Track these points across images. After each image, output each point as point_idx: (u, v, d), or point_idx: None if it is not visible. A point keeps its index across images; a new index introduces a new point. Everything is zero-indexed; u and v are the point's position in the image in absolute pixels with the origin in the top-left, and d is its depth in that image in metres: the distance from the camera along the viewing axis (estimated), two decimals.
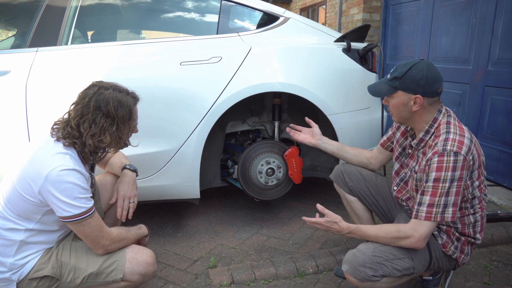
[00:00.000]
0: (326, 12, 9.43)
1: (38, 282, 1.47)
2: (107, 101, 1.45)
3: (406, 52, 4.46)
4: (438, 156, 1.46)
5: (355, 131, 2.50)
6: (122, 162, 1.83)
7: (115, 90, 1.49)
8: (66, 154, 1.43)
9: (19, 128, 2.09)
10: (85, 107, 1.45)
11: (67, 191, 1.37)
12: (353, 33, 2.58)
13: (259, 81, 2.29)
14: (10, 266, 1.44)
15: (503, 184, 3.11)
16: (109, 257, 1.53)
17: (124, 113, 1.49)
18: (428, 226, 1.49)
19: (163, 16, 2.60)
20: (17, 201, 1.41)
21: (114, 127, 1.48)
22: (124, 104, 1.49)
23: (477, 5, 3.31)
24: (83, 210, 1.41)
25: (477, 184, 1.57)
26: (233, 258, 2.25)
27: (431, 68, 1.53)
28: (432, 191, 1.47)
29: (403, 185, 1.79)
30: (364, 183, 1.94)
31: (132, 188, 1.75)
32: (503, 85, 3.05)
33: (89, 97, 1.46)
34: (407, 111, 1.59)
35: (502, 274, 2.10)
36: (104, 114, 1.45)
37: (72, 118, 1.46)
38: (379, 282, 1.57)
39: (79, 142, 1.46)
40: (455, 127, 1.53)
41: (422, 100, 1.53)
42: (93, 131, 1.45)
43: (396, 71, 1.58)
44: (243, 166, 2.51)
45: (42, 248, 1.50)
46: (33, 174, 1.38)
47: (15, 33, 2.72)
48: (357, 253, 1.58)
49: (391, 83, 1.58)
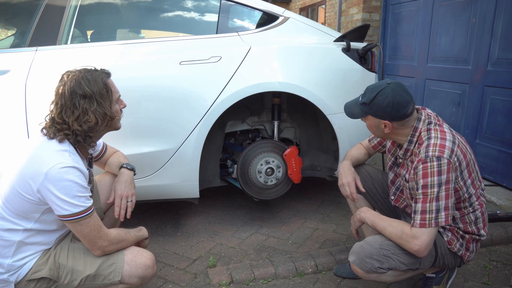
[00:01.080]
0: (326, 12, 9.42)
1: (35, 284, 1.45)
2: (79, 83, 1.45)
3: (406, 52, 4.46)
4: (422, 163, 1.49)
5: (354, 131, 2.50)
6: (120, 161, 1.83)
7: (82, 72, 1.49)
8: (64, 151, 1.42)
9: (18, 127, 2.09)
10: (61, 98, 1.45)
11: (66, 189, 1.36)
12: (353, 33, 2.58)
13: (259, 80, 2.29)
14: (8, 268, 1.43)
15: (503, 184, 3.11)
16: (107, 259, 1.51)
17: (100, 88, 1.48)
18: (426, 232, 1.49)
19: (162, 15, 2.59)
20: (16, 200, 1.40)
21: (94, 105, 1.47)
22: (96, 79, 1.49)
23: (477, 5, 3.31)
24: (82, 209, 1.40)
25: (470, 182, 1.58)
26: (232, 258, 2.25)
27: (397, 94, 1.53)
28: (423, 198, 1.50)
29: (399, 194, 1.82)
30: (371, 181, 1.96)
31: (129, 187, 1.74)
32: (503, 85, 3.06)
33: (61, 87, 1.46)
34: (381, 132, 1.65)
35: (501, 274, 2.10)
36: (80, 96, 1.45)
37: (55, 114, 1.46)
38: (385, 275, 1.59)
39: (70, 132, 1.45)
40: (436, 131, 1.56)
41: (391, 125, 1.59)
42: (76, 115, 1.44)
43: (365, 96, 1.62)
44: (242, 165, 2.51)
45: (40, 249, 1.49)
46: (32, 172, 1.37)
47: (14, 32, 2.71)
48: (364, 245, 1.61)
49: (362, 107, 1.63)
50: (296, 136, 2.86)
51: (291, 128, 2.85)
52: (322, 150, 2.79)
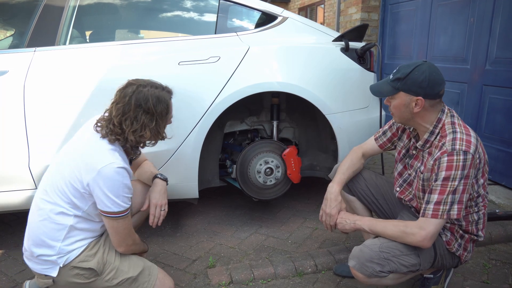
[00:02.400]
0: (325, 12, 9.43)
1: (80, 271, 1.53)
2: (147, 99, 1.53)
3: (404, 52, 4.46)
4: (448, 155, 1.47)
5: (353, 131, 2.50)
6: (152, 171, 1.88)
7: (152, 87, 1.57)
8: (115, 151, 1.51)
9: (17, 128, 2.08)
10: (126, 106, 1.51)
11: (114, 187, 1.45)
12: (351, 33, 2.58)
13: (258, 80, 2.29)
14: (59, 250, 1.50)
15: (502, 183, 3.12)
16: (146, 268, 1.64)
17: (163, 108, 1.57)
18: (435, 224, 1.49)
19: (161, 15, 2.59)
20: (67, 191, 1.48)
21: (153, 123, 1.56)
22: (162, 99, 1.57)
23: (475, 4, 3.32)
24: (122, 209, 1.50)
25: (482, 182, 1.58)
26: (231, 258, 2.25)
27: (433, 71, 1.53)
28: (441, 189, 1.48)
29: (406, 186, 1.79)
30: (364, 183, 1.94)
31: (163, 196, 1.79)
32: (501, 84, 3.06)
33: (129, 95, 1.52)
34: (408, 112, 1.59)
35: (500, 272, 2.10)
36: (144, 111, 1.53)
37: (114, 117, 1.52)
38: (386, 278, 1.58)
39: (122, 138, 1.54)
40: (460, 126, 1.55)
41: (424, 102, 1.54)
42: (134, 127, 1.52)
43: (398, 72, 1.57)
44: (241, 165, 2.51)
45: (88, 236, 1.57)
46: (85, 166, 1.45)
47: (13, 32, 2.71)
48: (364, 249, 1.58)
49: (393, 84, 1.58)
50: (295, 136, 2.86)
51: (290, 128, 2.85)
52: (321, 150, 2.79)
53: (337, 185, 1.83)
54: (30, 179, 2.12)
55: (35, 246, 1.50)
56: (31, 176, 2.11)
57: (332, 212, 1.78)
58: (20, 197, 2.14)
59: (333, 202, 1.79)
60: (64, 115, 2.11)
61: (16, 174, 2.11)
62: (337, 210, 1.78)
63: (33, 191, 2.14)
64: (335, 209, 1.78)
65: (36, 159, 2.11)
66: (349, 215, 1.75)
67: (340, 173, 1.88)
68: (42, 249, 1.49)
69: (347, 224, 1.72)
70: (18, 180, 2.11)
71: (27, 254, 1.55)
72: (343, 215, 1.76)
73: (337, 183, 1.84)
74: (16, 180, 2.11)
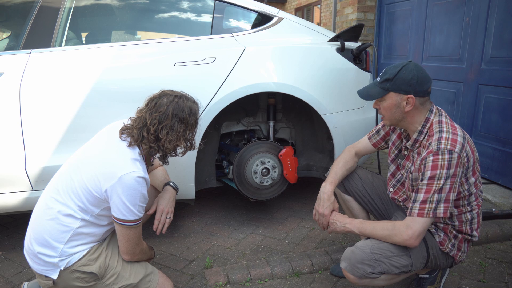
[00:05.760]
0: (321, 12, 9.44)
1: (80, 275, 1.53)
2: (183, 109, 1.58)
3: (400, 51, 4.47)
4: (433, 155, 1.49)
5: (349, 131, 2.51)
6: (166, 178, 1.91)
7: (186, 99, 1.62)
8: (136, 161, 1.53)
9: (13, 130, 2.08)
10: (163, 115, 1.55)
11: (132, 196, 1.47)
12: (347, 33, 2.59)
13: (254, 81, 2.29)
14: (61, 253, 1.50)
15: (497, 181, 3.13)
16: (148, 274, 1.66)
17: (194, 120, 1.63)
18: (421, 222, 1.50)
19: (157, 17, 2.59)
20: (81, 194, 1.49)
21: (187, 133, 1.62)
22: (194, 111, 1.63)
23: (470, 4, 3.33)
24: (136, 218, 1.52)
25: (473, 181, 1.59)
26: (228, 258, 2.26)
27: (420, 69, 1.57)
28: (426, 188, 1.49)
29: (400, 187, 1.80)
30: (360, 182, 1.95)
31: (171, 204, 1.81)
32: (497, 83, 3.07)
33: (166, 105, 1.56)
34: (399, 112, 1.60)
35: (496, 271, 2.11)
36: (179, 120, 1.57)
37: (151, 125, 1.54)
38: (378, 279, 1.58)
39: (155, 145, 1.57)
40: (448, 125, 1.56)
41: (415, 100, 1.55)
42: (171, 137, 1.56)
43: (386, 73, 1.60)
44: (238, 166, 2.51)
45: (91, 241, 1.57)
46: (106, 172, 1.47)
47: (8, 34, 2.71)
48: (355, 250, 1.59)
49: (382, 85, 1.60)
50: (292, 136, 2.86)
51: (287, 128, 2.85)
52: (317, 150, 2.80)
53: (330, 185, 1.84)
54: (27, 181, 2.12)
55: (37, 243, 1.50)
56: (27, 177, 2.11)
57: (325, 212, 1.79)
58: (17, 199, 2.14)
59: (326, 202, 1.80)
60: (60, 116, 2.11)
61: (12, 176, 2.10)
62: (330, 210, 1.79)
63: (30, 192, 2.14)
64: (328, 209, 1.79)
65: (33, 161, 2.11)
66: (340, 217, 1.76)
67: (333, 173, 1.89)
68: (43, 248, 1.50)
69: (338, 227, 1.74)
70: (14, 182, 2.11)
71: (28, 250, 1.55)
72: (334, 216, 1.77)
73: (330, 183, 1.85)
74: (13, 182, 2.11)
